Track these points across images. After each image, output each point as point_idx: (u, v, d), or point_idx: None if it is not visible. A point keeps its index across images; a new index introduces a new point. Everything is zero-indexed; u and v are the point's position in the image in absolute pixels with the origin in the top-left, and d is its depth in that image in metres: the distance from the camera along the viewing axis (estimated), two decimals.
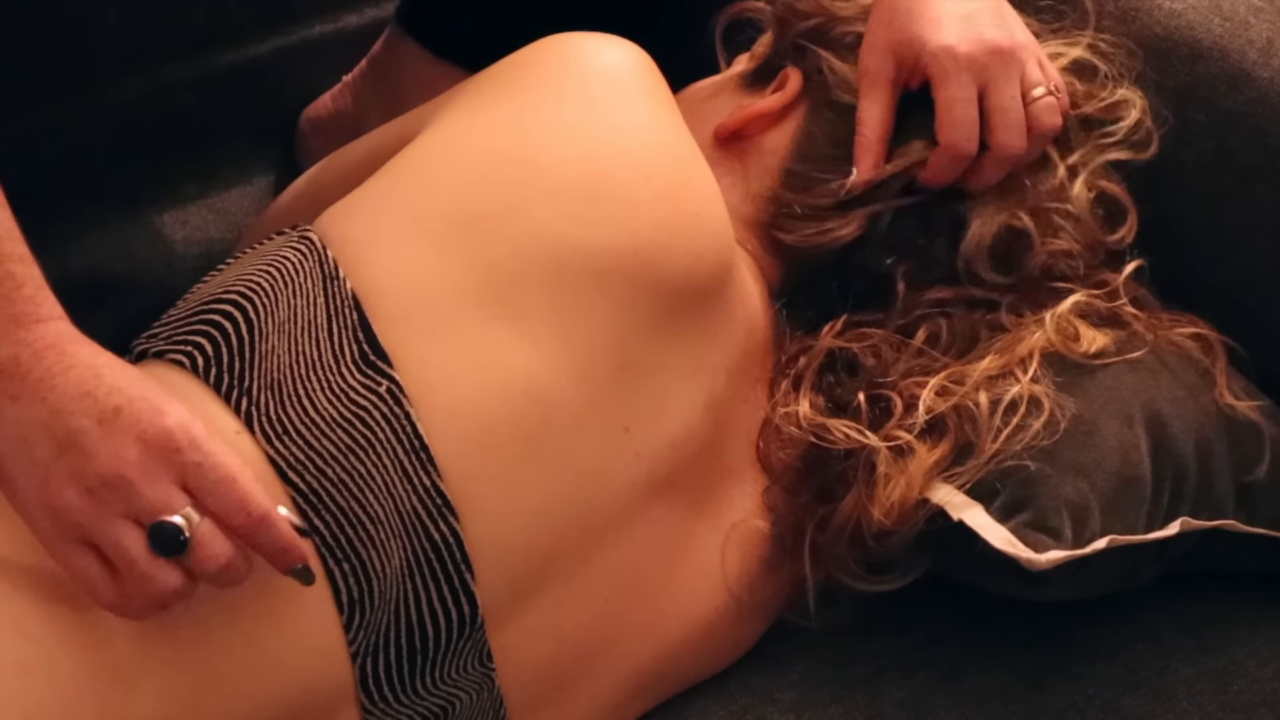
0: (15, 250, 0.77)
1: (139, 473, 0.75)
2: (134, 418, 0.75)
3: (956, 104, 1.00)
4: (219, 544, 0.77)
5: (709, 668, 1.03)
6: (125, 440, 0.75)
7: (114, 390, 0.76)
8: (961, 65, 0.99)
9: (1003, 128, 1.01)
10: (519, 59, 0.97)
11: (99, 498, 0.75)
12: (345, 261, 0.89)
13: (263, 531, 0.78)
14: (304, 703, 0.85)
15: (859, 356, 1.00)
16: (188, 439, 0.76)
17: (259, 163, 1.34)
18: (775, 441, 1.00)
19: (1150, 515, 0.99)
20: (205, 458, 0.76)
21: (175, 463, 0.76)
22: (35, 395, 0.75)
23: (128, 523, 0.75)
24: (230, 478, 0.76)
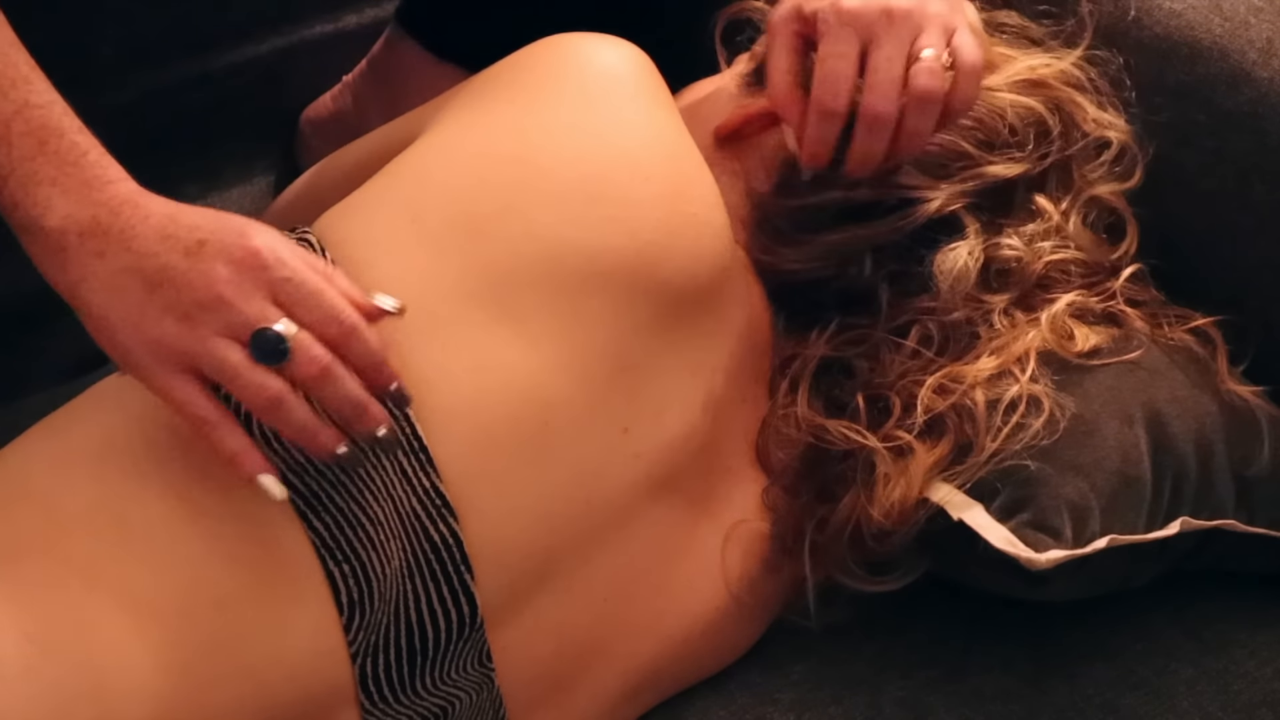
0: (74, 123, 0.81)
1: (233, 290, 0.78)
2: (220, 244, 0.79)
3: (829, 59, 0.96)
4: (317, 349, 0.79)
5: (709, 668, 1.03)
6: (215, 264, 0.78)
7: (194, 227, 0.79)
8: (844, 21, 0.96)
9: (870, 87, 0.96)
10: (518, 60, 0.97)
11: (196, 320, 0.78)
12: (345, 263, 0.89)
13: (354, 342, 0.80)
14: (304, 703, 0.85)
15: (853, 360, 1.00)
16: (274, 257, 0.79)
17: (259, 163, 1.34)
18: (774, 442, 1.00)
19: (1150, 515, 0.99)
20: (294, 273, 0.79)
21: (265, 279, 0.79)
22: (120, 246, 0.79)
23: (227, 340, 0.79)
24: (320, 289, 0.80)
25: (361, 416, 0.81)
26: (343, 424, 0.81)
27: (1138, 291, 1.07)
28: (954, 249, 1.01)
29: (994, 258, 1.02)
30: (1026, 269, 1.02)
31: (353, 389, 0.81)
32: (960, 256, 1.01)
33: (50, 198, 0.79)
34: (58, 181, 0.79)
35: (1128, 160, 1.08)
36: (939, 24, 0.97)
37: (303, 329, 0.79)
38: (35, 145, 0.79)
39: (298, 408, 0.80)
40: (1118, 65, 1.10)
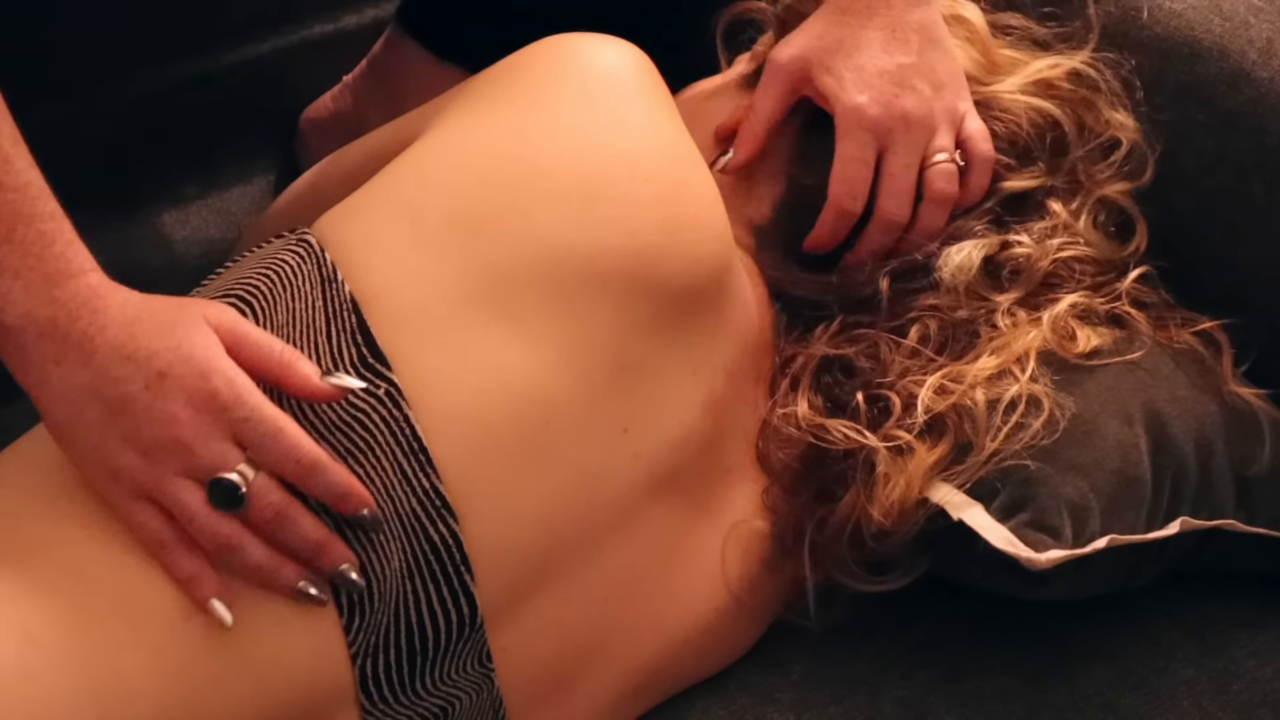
0: (45, 208, 0.80)
1: (192, 434, 0.79)
2: (179, 382, 0.79)
3: (850, 163, 1.01)
4: (274, 494, 0.81)
5: (709, 668, 1.03)
6: (174, 404, 0.79)
7: (152, 355, 0.79)
8: (865, 126, 1.00)
9: (887, 194, 1.01)
10: (518, 60, 0.97)
11: (155, 459, 0.79)
12: (344, 264, 0.89)
13: (317, 476, 0.81)
14: (304, 704, 0.85)
15: (854, 358, 1.00)
16: (233, 396, 0.80)
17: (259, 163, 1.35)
18: (774, 442, 1.00)
19: (1150, 515, 0.99)
20: (251, 412, 0.80)
21: (224, 420, 0.80)
22: (78, 359, 0.79)
23: (186, 480, 0.80)
24: (278, 429, 0.80)
25: (320, 557, 0.82)
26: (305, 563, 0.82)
27: (1145, 293, 1.07)
28: (961, 247, 1.02)
29: (1002, 255, 1.03)
30: (1034, 266, 1.03)
31: (309, 531, 0.82)
32: (966, 254, 1.02)
33: (11, 290, 0.78)
34: (20, 274, 0.78)
35: (1137, 159, 1.09)
36: (948, 120, 1.02)
37: (261, 472, 0.80)
38: (4, 231, 0.77)
39: (253, 551, 0.81)
40: (1128, 67, 1.10)
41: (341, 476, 0.82)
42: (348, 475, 0.83)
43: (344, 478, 0.82)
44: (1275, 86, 1.08)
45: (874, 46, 1.01)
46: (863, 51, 1.01)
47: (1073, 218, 1.05)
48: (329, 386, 0.83)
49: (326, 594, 0.83)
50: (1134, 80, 1.10)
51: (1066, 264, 1.04)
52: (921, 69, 1.01)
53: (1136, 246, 1.08)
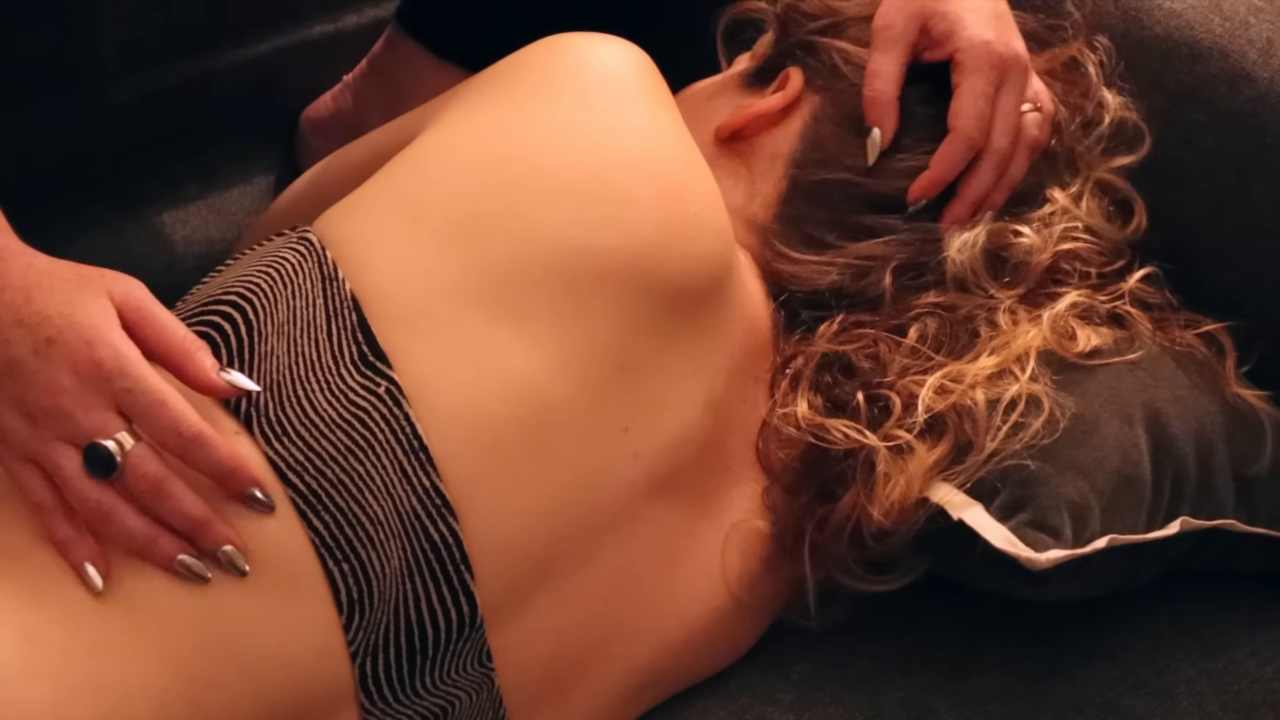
0: None
1: (74, 401, 0.80)
2: (66, 350, 0.80)
3: (980, 97, 1.02)
4: (151, 464, 0.81)
5: (709, 668, 1.03)
6: (59, 371, 0.79)
7: (44, 320, 0.80)
8: (993, 63, 1.02)
9: (1001, 131, 1.02)
10: (518, 60, 0.97)
11: (38, 423, 0.80)
12: (344, 263, 0.89)
13: (197, 451, 0.81)
14: (303, 703, 0.85)
15: (854, 357, 1.00)
16: (117, 367, 0.80)
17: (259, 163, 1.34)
18: (774, 441, 1.00)
19: (1150, 515, 0.99)
20: (135, 383, 0.80)
21: (107, 390, 0.80)
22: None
23: (66, 446, 0.80)
24: (160, 401, 0.80)
25: (199, 533, 0.82)
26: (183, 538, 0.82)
27: (1149, 294, 1.07)
28: (964, 236, 1.02)
29: (1005, 244, 1.03)
30: (1037, 256, 1.03)
31: (188, 505, 0.81)
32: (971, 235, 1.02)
33: None
34: None
35: (1132, 134, 1.10)
36: (1031, 70, 1.04)
37: (140, 443, 0.80)
38: None
39: (127, 519, 0.81)
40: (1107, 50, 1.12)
41: (225, 452, 0.82)
42: (233, 451, 0.82)
43: (228, 453, 0.82)
44: (1275, 86, 1.09)
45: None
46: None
47: (1073, 202, 1.06)
48: (223, 382, 0.83)
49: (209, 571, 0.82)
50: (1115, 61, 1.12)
51: (1069, 255, 1.04)
52: (1009, 17, 1.04)
53: (1137, 226, 1.09)
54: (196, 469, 0.82)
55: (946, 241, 1.02)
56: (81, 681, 0.79)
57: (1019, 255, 1.03)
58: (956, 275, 1.02)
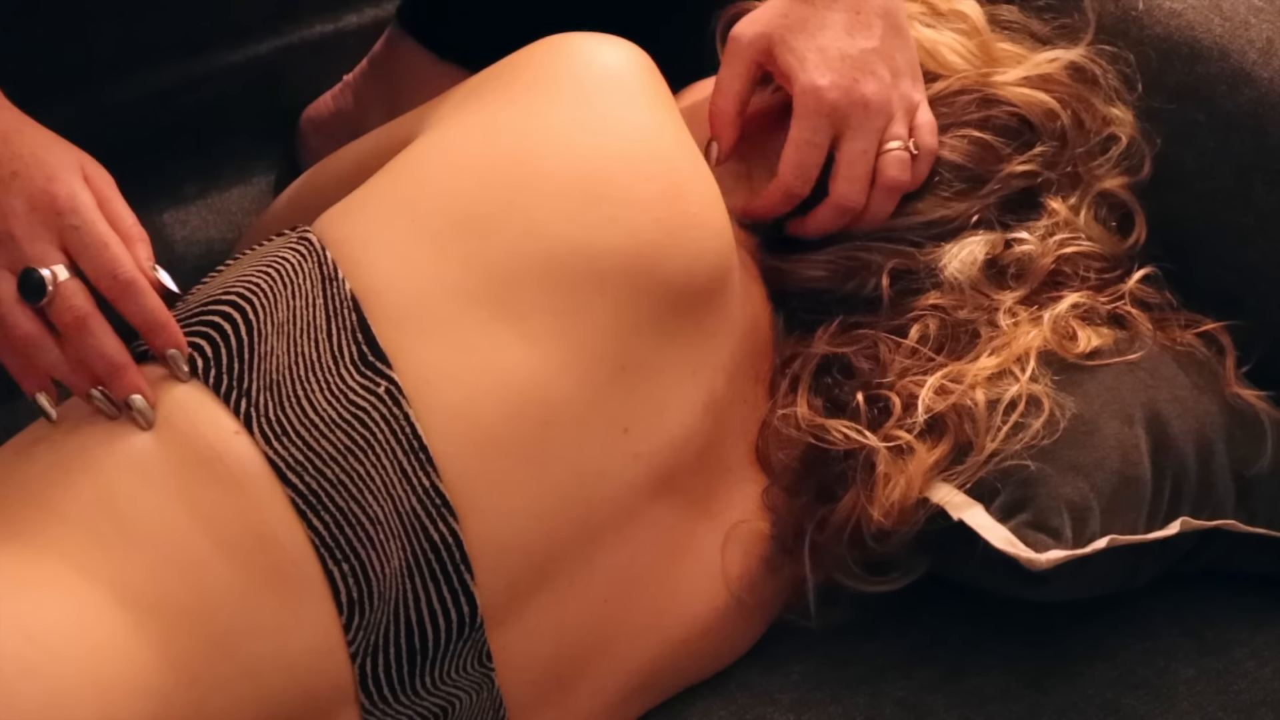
0: None
1: (22, 228, 0.84)
2: (27, 180, 0.84)
3: (803, 146, 1.00)
4: (78, 299, 0.84)
5: (709, 668, 1.03)
6: (16, 200, 0.84)
7: (15, 157, 0.85)
8: (822, 110, 1.00)
9: (843, 179, 1.01)
10: (518, 60, 0.97)
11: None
12: (344, 262, 0.89)
13: (130, 298, 0.85)
14: (303, 703, 0.85)
15: (854, 358, 1.00)
16: (70, 205, 0.85)
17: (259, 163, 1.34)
18: (774, 442, 1.00)
19: (1150, 515, 0.99)
20: (83, 223, 0.85)
21: (55, 225, 0.84)
22: None
23: (6, 272, 0.84)
24: (102, 243, 0.85)
25: (114, 377, 0.85)
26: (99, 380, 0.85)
27: (1149, 294, 1.07)
28: (964, 244, 1.02)
29: (1005, 254, 1.03)
30: (1037, 264, 1.03)
31: (109, 347, 0.85)
32: (969, 250, 1.02)
33: None
34: None
35: (1135, 154, 1.09)
36: (904, 108, 1.01)
37: (74, 278, 0.84)
38: None
39: (51, 351, 0.85)
40: (1127, 61, 1.10)
41: (157, 306, 0.86)
42: (163, 308, 0.86)
43: (159, 308, 0.86)
44: (1275, 86, 1.09)
45: (837, 28, 1.00)
46: (826, 32, 1.00)
47: (1073, 214, 1.06)
48: (152, 275, 0.86)
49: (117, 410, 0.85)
50: (1134, 75, 1.11)
51: (1070, 261, 1.04)
52: (883, 54, 1.00)
53: (1137, 239, 1.09)
54: (127, 316, 0.85)
55: (945, 258, 1.02)
56: (82, 682, 0.79)
57: (1018, 263, 1.03)
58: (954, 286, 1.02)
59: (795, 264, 1.03)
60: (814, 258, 1.03)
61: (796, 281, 1.03)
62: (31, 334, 0.84)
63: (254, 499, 0.83)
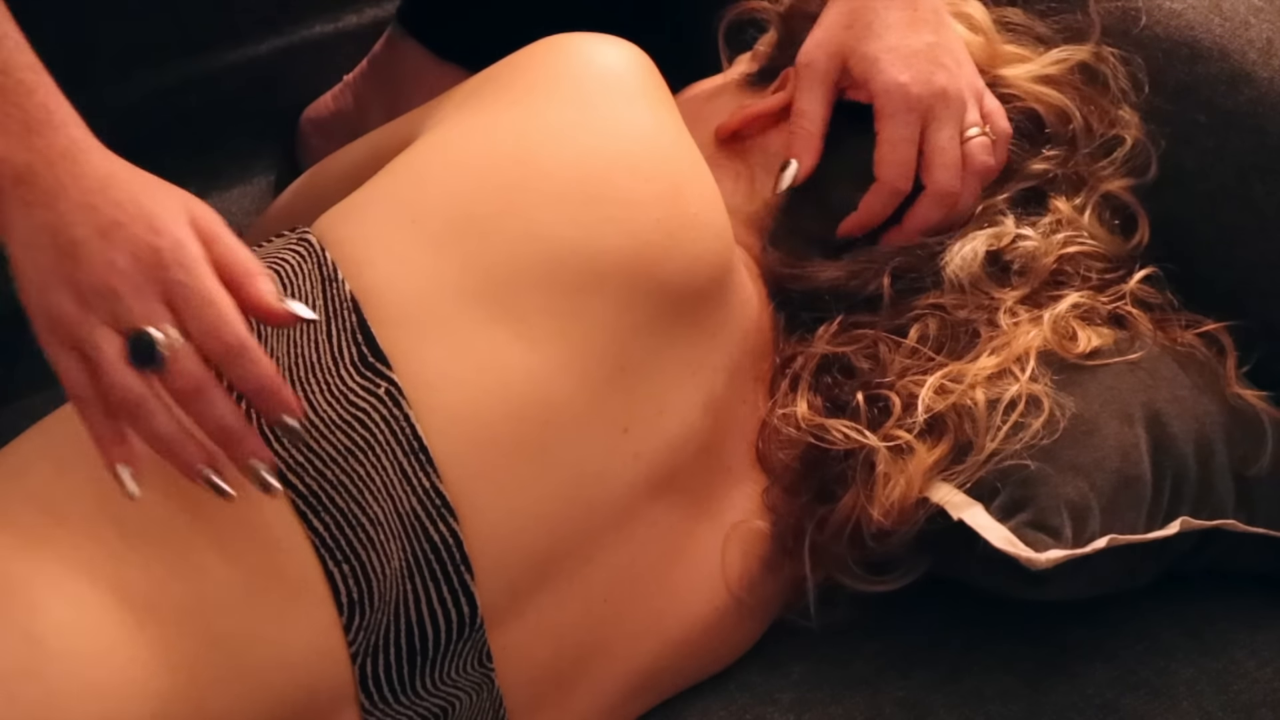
0: (25, 59, 0.79)
1: (127, 285, 0.78)
2: (130, 233, 0.78)
3: (900, 144, 1.01)
4: (191, 364, 0.78)
5: (709, 668, 1.03)
6: (119, 253, 0.78)
7: (117, 205, 0.78)
8: (910, 105, 1.01)
9: (940, 167, 1.02)
10: (518, 60, 0.97)
11: (89, 304, 0.78)
12: (344, 263, 0.89)
13: (238, 361, 0.79)
14: (304, 703, 0.85)
15: (854, 358, 1.00)
16: (176, 259, 0.78)
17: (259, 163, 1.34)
18: (774, 442, 1.00)
19: (1150, 515, 0.99)
20: (191, 279, 0.78)
21: (162, 280, 0.78)
22: (45, 202, 0.78)
23: (110, 330, 0.78)
24: (209, 300, 0.78)
25: (233, 445, 0.80)
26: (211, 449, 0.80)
27: (1150, 294, 1.07)
28: (968, 240, 1.02)
29: (1007, 250, 1.03)
30: (1039, 261, 1.03)
31: (225, 414, 0.79)
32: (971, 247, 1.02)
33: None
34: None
35: (1141, 156, 1.10)
36: (974, 95, 1.03)
37: (188, 343, 0.79)
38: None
39: (159, 416, 0.79)
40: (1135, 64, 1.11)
41: (268, 370, 0.79)
42: (275, 371, 0.80)
43: (270, 372, 0.80)
44: (1275, 86, 1.08)
45: (900, 27, 1.02)
46: (891, 33, 1.02)
47: (1077, 213, 1.06)
48: (283, 309, 0.80)
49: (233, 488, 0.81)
50: (1143, 78, 1.11)
51: (1072, 260, 1.04)
52: (944, 47, 1.03)
53: (1139, 240, 1.09)
54: (234, 381, 0.79)
55: (948, 254, 1.02)
56: (82, 683, 0.79)
57: (1021, 260, 1.03)
58: (956, 283, 1.02)
59: (814, 269, 1.03)
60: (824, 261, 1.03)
61: (809, 284, 1.03)
62: (140, 398, 0.78)
63: (254, 500, 0.83)
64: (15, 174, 0.78)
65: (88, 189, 0.78)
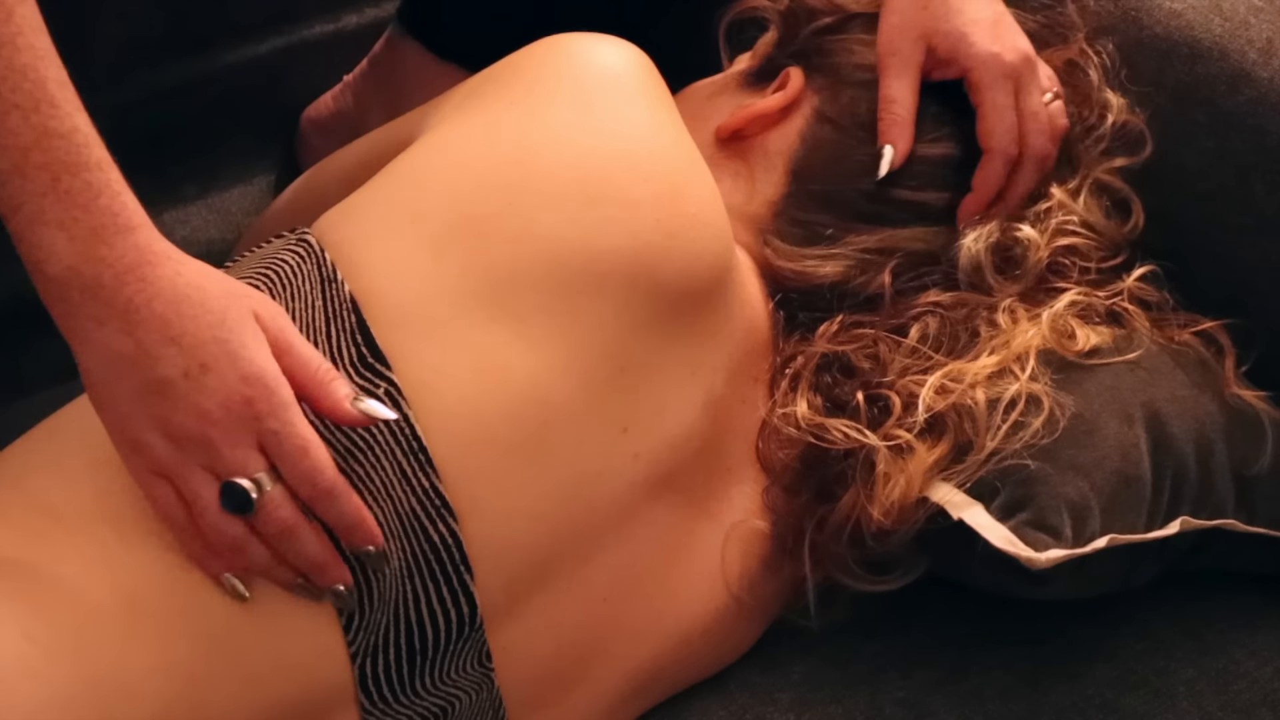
0: (92, 157, 0.76)
1: (220, 433, 0.78)
2: (220, 379, 0.78)
3: (1005, 110, 1.03)
4: (285, 510, 0.80)
5: (709, 668, 1.03)
6: (210, 400, 0.78)
7: (199, 345, 0.78)
8: (1006, 73, 1.03)
9: (1036, 133, 1.04)
10: (517, 60, 0.97)
11: (181, 447, 0.79)
12: (344, 264, 0.89)
13: (330, 503, 0.81)
14: (303, 704, 0.85)
15: (854, 357, 1.00)
16: (269, 408, 0.79)
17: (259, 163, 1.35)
18: (774, 441, 1.00)
19: (1150, 515, 0.99)
20: (283, 426, 0.79)
21: (254, 428, 0.79)
22: (121, 326, 0.77)
23: (205, 473, 0.79)
24: (303, 449, 0.80)
25: (320, 575, 0.83)
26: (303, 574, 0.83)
27: (1148, 292, 1.07)
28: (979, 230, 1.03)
29: (1006, 239, 1.03)
30: (1036, 252, 1.03)
31: (313, 551, 0.82)
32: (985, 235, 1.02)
33: (55, 243, 0.75)
34: (65, 226, 0.75)
35: (1133, 136, 1.11)
36: (1038, 60, 1.06)
37: (279, 485, 0.80)
38: (48, 181, 0.75)
39: (255, 551, 0.81)
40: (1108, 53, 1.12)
41: (355, 508, 0.82)
42: (361, 508, 0.83)
43: (357, 509, 0.82)
44: (1275, 86, 1.08)
45: (971, 1, 1.04)
46: (968, 7, 1.03)
47: (1070, 197, 1.07)
48: (357, 412, 0.82)
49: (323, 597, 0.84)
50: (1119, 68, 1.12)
51: (1067, 250, 1.05)
52: (1007, 15, 1.06)
53: (1135, 224, 1.09)
54: (325, 518, 0.82)
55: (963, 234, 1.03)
56: (82, 683, 0.79)
57: (1018, 250, 1.04)
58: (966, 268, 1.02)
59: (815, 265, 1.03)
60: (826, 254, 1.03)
61: (810, 281, 1.03)
62: (237, 540, 0.80)
63: None
64: (83, 285, 0.76)
65: (163, 317, 0.77)
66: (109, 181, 0.77)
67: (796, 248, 1.03)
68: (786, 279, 1.03)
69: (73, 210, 0.75)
